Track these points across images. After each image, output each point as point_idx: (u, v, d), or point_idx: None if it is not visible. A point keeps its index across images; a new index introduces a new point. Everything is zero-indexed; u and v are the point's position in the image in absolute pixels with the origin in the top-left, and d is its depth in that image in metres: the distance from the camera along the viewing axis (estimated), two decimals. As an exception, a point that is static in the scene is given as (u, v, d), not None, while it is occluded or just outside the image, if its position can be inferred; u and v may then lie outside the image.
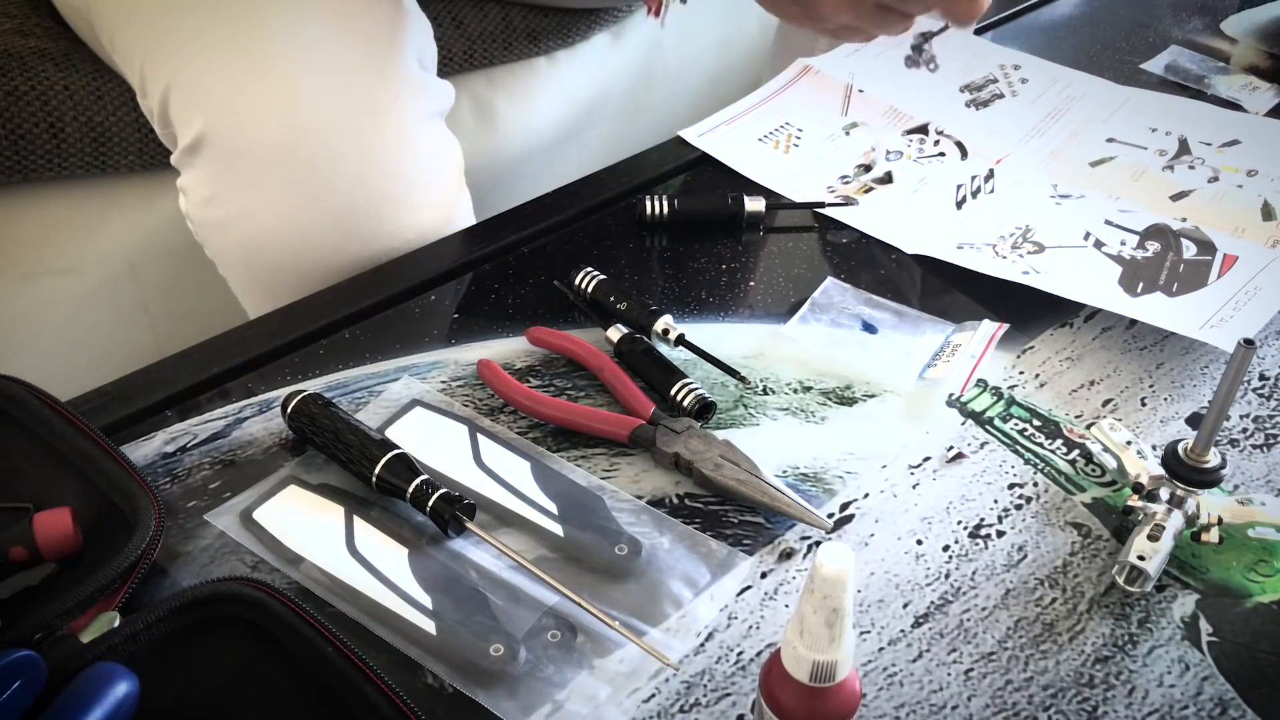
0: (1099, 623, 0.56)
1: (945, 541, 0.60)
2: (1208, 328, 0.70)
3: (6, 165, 0.93)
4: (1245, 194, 0.83)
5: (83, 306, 1.00)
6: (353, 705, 0.48)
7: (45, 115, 0.93)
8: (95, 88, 0.95)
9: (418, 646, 0.54)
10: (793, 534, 0.60)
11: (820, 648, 0.42)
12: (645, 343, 0.70)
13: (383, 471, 0.59)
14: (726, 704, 0.52)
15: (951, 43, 1.00)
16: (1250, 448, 0.66)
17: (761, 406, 0.67)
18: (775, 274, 0.78)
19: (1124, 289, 0.74)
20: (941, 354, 0.71)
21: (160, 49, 0.78)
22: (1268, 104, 0.97)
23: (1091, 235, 0.79)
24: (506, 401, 0.67)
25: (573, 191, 0.85)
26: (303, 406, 0.63)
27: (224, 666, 0.51)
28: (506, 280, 0.77)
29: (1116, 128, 0.91)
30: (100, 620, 0.51)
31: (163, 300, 1.04)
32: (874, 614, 0.56)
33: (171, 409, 0.66)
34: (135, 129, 0.97)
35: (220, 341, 0.71)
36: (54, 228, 0.99)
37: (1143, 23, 1.10)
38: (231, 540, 0.59)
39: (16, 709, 0.46)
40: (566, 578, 0.56)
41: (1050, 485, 0.63)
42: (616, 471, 0.63)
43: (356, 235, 0.78)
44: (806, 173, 0.86)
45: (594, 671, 0.53)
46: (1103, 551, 0.59)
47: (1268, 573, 0.58)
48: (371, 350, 0.71)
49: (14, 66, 0.93)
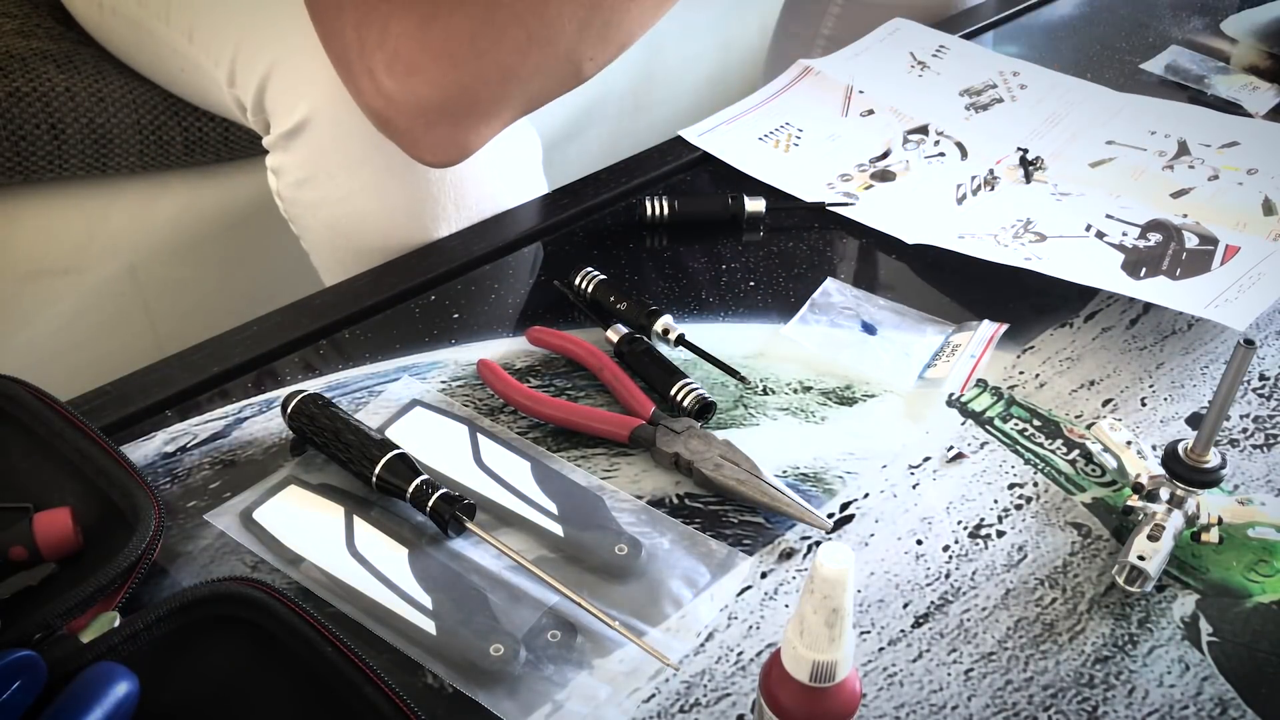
0: (1099, 623, 0.56)
1: (945, 541, 0.60)
2: (1213, 307, 0.70)
3: (7, 166, 0.93)
4: (1245, 191, 0.83)
5: (83, 306, 1.00)
6: (353, 705, 0.48)
7: (46, 116, 0.93)
8: (96, 89, 0.95)
9: (418, 646, 0.54)
10: (793, 534, 0.60)
11: (820, 648, 0.42)
12: (645, 343, 0.70)
13: (383, 471, 0.59)
14: (726, 704, 0.52)
15: (952, 50, 1.00)
16: (1250, 448, 0.66)
17: (761, 406, 0.67)
18: (775, 274, 0.78)
19: (1127, 274, 0.75)
20: (941, 354, 0.71)
21: (256, 38, 0.82)
22: (1268, 104, 0.97)
23: (1093, 227, 0.79)
24: (506, 401, 0.67)
25: (573, 191, 0.85)
26: (303, 406, 0.63)
27: (224, 666, 0.51)
28: (506, 280, 0.77)
29: (1116, 130, 0.91)
30: (100, 620, 0.51)
31: (163, 300, 1.04)
32: (874, 614, 0.56)
33: (171, 409, 0.67)
34: (136, 130, 0.97)
35: (220, 341, 0.71)
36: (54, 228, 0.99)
37: (1143, 23, 1.10)
38: (231, 540, 0.59)
39: (16, 709, 0.46)
40: (566, 578, 0.56)
41: (1050, 485, 0.63)
42: (616, 471, 0.63)
43: (444, 220, 0.81)
44: (807, 170, 0.86)
45: (594, 671, 0.53)
46: (1103, 551, 0.59)
47: (1268, 573, 0.58)
48: (371, 350, 0.71)
49: (15, 67, 0.93)
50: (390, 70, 0.66)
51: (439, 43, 0.65)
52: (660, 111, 1.38)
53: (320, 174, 0.80)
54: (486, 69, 0.67)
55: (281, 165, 0.82)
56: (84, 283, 1.00)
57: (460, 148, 0.72)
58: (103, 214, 1.00)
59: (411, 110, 0.68)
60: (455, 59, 0.66)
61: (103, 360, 0.96)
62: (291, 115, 0.79)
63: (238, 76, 0.83)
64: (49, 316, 1.00)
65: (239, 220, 1.05)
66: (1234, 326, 0.69)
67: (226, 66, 0.84)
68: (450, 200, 0.81)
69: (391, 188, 0.79)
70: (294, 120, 0.79)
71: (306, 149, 0.80)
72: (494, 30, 0.66)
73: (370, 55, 0.66)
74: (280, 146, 0.81)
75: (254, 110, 0.83)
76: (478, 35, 0.65)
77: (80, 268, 1.00)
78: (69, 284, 1.00)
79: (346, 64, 0.69)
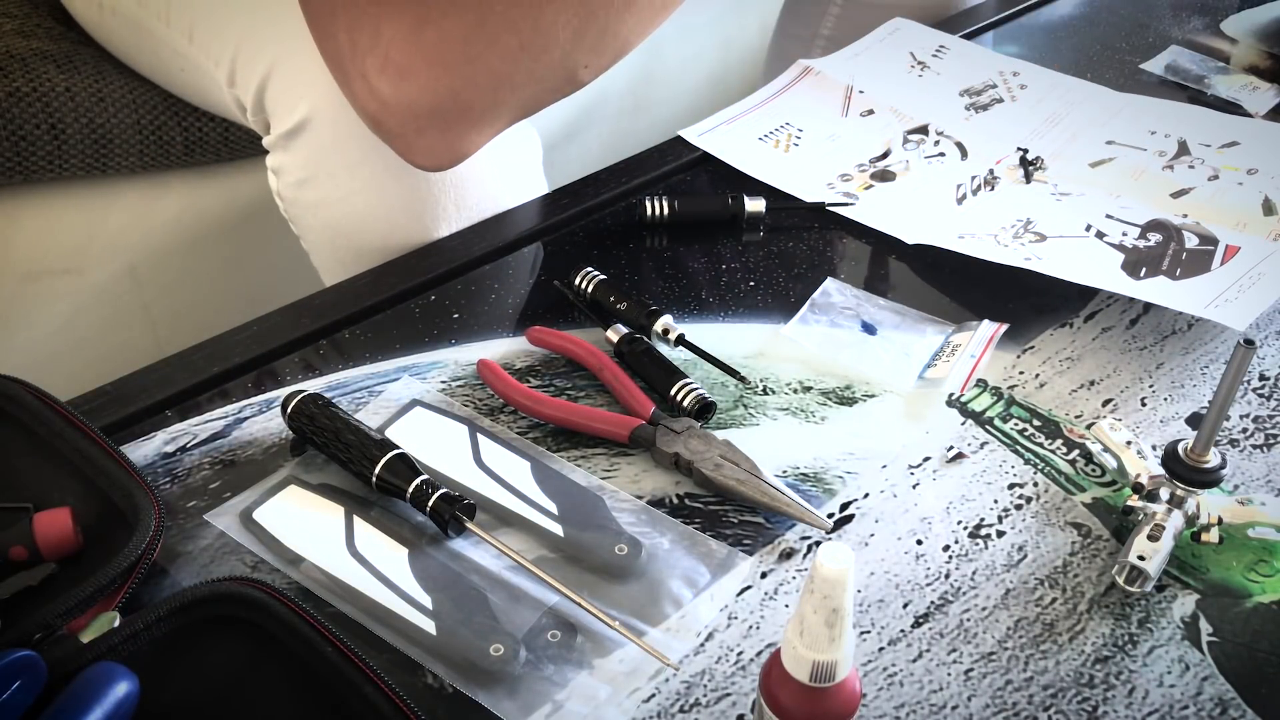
0: (1099, 623, 0.56)
1: (945, 541, 0.60)
2: (1213, 307, 0.70)
3: (7, 166, 0.93)
4: (1245, 191, 0.83)
5: (83, 306, 1.00)
6: (353, 705, 0.48)
7: (46, 116, 0.93)
8: (96, 89, 0.95)
9: (418, 646, 0.54)
10: (793, 534, 0.60)
11: (820, 648, 0.42)
12: (645, 343, 0.70)
13: (383, 471, 0.59)
14: (726, 704, 0.52)
15: (952, 50, 1.00)
16: (1250, 448, 0.66)
17: (761, 406, 0.67)
18: (775, 274, 0.78)
19: (1127, 274, 0.75)
20: (941, 354, 0.71)
21: (256, 38, 0.82)
22: (1268, 104, 0.97)
23: (1093, 227, 0.79)
24: (506, 401, 0.67)
25: (573, 191, 0.85)
26: (303, 406, 0.63)
27: (224, 666, 0.51)
28: (506, 280, 0.77)
29: (1116, 130, 0.91)
30: (100, 620, 0.51)
31: (163, 300, 1.04)
32: (874, 614, 0.56)
33: (171, 409, 0.67)
34: (136, 130, 0.97)
35: (220, 341, 0.71)
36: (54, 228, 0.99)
37: (1143, 23, 1.10)
38: (231, 540, 0.59)
39: (16, 709, 0.46)
40: (566, 578, 0.56)
41: (1050, 485, 0.63)
42: (616, 471, 0.63)
43: (444, 220, 0.81)
44: (807, 170, 0.86)
45: (594, 671, 0.53)
46: (1103, 551, 0.59)
47: (1268, 573, 0.58)
48: (371, 350, 0.71)
49: (15, 68, 0.93)
50: (383, 73, 0.66)
51: (431, 47, 0.65)
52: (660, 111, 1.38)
53: (320, 174, 0.80)
54: (479, 74, 0.67)
55: (282, 165, 0.82)
56: (84, 283, 1.00)
57: (453, 152, 0.72)
58: (103, 214, 1.00)
59: (404, 114, 0.68)
60: (447, 64, 0.66)
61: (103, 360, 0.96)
62: (292, 115, 0.79)
63: (238, 76, 0.83)
64: (49, 316, 1.00)
65: (239, 220, 1.05)
66: (1234, 326, 0.69)
67: (226, 66, 0.84)
68: (450, 200, 0.81)
69: (391, 188, 0.79)
70: (294, 120, 0.79)
71: (307, 149, 0.80)
72: (486, 36, 0.65)
73: (362, 58, 0.66)
74: (280, 146, 0.81)
75: (254, 110, 0.84)
76: (470, 40, 0.65)
77: (80, 268, 1.00)
78: (69, 284, 1.00)
79: (340, 66, 0.68)
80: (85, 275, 1.00)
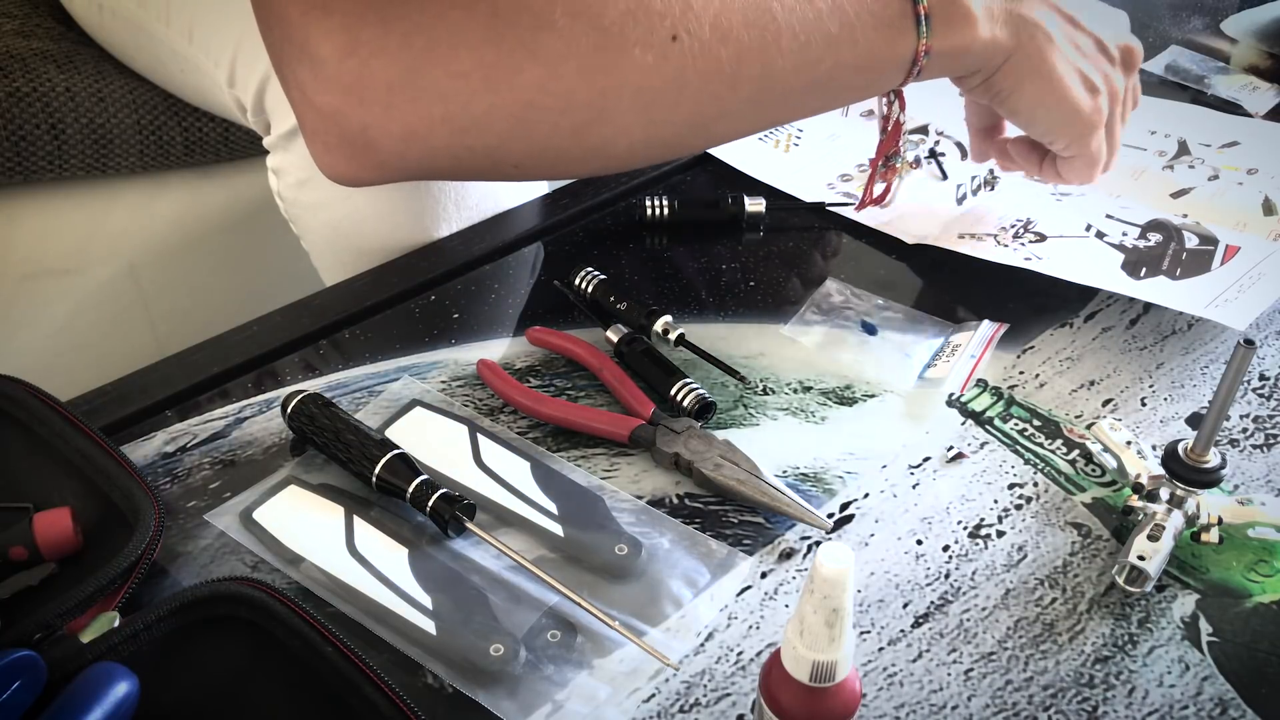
0: (1099, 623, 0.56)
1: (945, 541, 0.60)
2: (1213, 307, 0.70)
3: (7, 166, 0.93)
4: (1245, 191, 0.83)
5: (83, 306, 1.00)
6: (353, 705, 0.48)
7: (46, 116, 0.93)
8: (96, 89, 0.95)
9: (418, 646, 0.54)
10: (793, 534, 0.60)
11: (820, 648, 0.42)
12: (645, 343, 0.70)
13: (383, 471, 0.59)
14: (726, 704, 0.52)
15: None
16: (1250, 448, 0.66)
17: (761, 406, 0.67)
18: (775, 274, 0.78)
19: (1127, 274, 0.75)
20: (941, 354, 0.71)
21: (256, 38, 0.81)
22: (1268, 104, 0.97)
23: (1093, 227, 0.79)
24: (506, 401, 0.67)
25: (573, 191, 0.85)
26: (303, 406, 0.63)
27: (224, 666, 0.51)
28: (506, 280, 0.77)
29: (1116, 129, 0.91)
30: (100, 620, 0.51)
31: (163, 300, 1.04)
32: (874, 614, 0.56)
33: (171, 409, 0.66)
34: (136, 130, 0.97)
35: (220, 341, 0.71)
36: (54, 228, 0.99)
37: (1143, 23, 1.10)
38: (231, 540, 0.59)
39: (16, 709, 0.46)
40: (566, 578, 0.56)
41: (1050, 485, 0.63)
42: (616, 471, 0.63)
43: (444, 220, 0.81)
44: (807, 170, 0.86)
45: (594, 671, 0.53)
46: (1103, 551, 0.59)
47: (1268, 573, 0.58)
48: (371, 350, 0.71)
49: (15, 68, 0.93)
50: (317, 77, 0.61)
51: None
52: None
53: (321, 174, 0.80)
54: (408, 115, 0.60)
55: (282, 166, 0.82)
56: (84, 283, 1.00)
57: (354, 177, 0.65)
58: (103, 214, 1.00)
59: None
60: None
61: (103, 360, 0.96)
62: (292, 116, 0.79)
63: (238, 77, 0.83)
64: (49, 316, 1.00)
65: (239, 220, 1.05)
66: (1234, 326, 0.69)
67: (226, 67, 0.84)
68: (450, 200, 0.81)
69: (392, 188, 0.79)
70: (294, 120, 0.78)
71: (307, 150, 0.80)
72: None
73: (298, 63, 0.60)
74: (281, 147, 0.81)
75: (254, 111, 0.84)
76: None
77: (80, 268, 1.00)
78: (69, 284, 1.00)
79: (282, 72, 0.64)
80: (85, 275, 1.00)
